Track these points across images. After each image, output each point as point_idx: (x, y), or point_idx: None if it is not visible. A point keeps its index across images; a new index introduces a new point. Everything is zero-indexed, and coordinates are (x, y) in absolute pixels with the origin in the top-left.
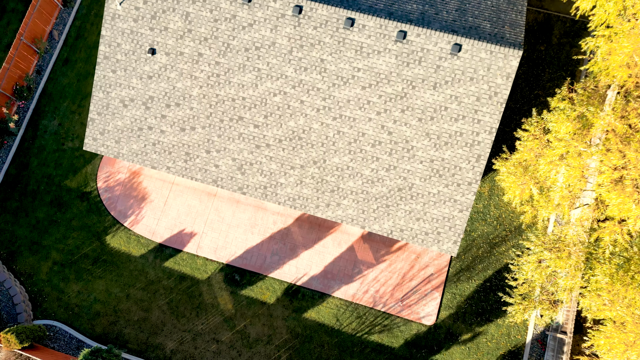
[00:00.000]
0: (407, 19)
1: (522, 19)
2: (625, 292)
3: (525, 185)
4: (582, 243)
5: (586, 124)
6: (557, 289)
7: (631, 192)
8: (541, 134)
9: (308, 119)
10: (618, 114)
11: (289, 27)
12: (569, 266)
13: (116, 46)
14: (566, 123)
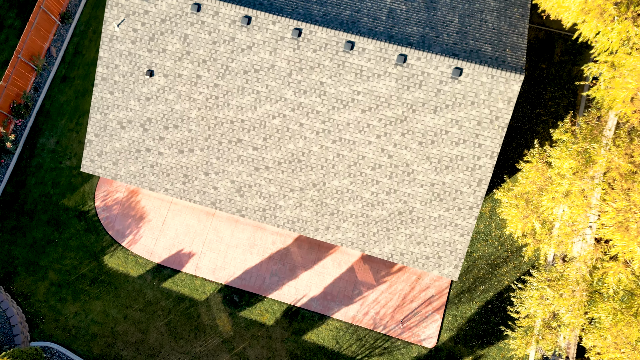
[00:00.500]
0: (408, 42)
1: (523, 42)
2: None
3: (527, 219)
4: (585, 281)
5: (589, 160)
6: (559, 325)
7: (636, 235)
8: (543, 165)
9: (307, 142)
10: (622, 151)
11: (288, 49)
12: (572, 304)
13: (114, 68)
14: (569, 160)
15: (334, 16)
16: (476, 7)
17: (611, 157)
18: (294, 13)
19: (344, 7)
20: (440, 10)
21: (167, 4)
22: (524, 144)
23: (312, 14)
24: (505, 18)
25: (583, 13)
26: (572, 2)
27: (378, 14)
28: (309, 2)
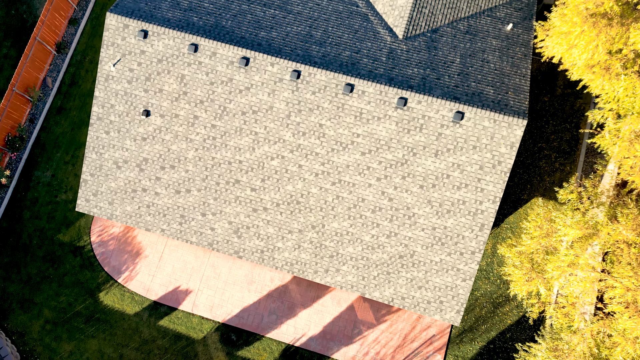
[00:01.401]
0: (408, 84)
1: (526, 84)
2: None
3: (531, 282)
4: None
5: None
6: None
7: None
8: (548, 225)
9: (306, 183)
10: (630, 222)
11: (287, 91)
12: None
13: (110, 107)
14: (575, 230)
15: (334, 57)
16: (478, 47)
17: (619, 230)
18: (292, 54)
19: (343, 48)
20: (442, 50)
21: (163, 44)
22: (526, 178)
23: (311, 55)
24: (507, 58)
25: (588, 69)
26: (578, 56)
27: (378, 55)
28: (308, 43)
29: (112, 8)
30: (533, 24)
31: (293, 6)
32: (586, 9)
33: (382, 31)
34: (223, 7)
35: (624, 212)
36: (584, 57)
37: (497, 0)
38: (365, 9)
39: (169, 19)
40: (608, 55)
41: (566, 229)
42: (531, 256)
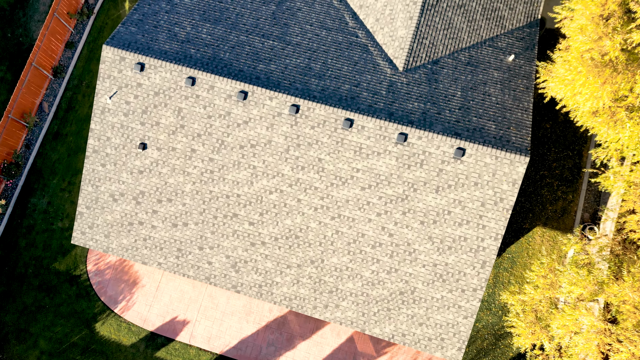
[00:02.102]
0: (408, 120)
1: (528, 118)
2: None
3: (535, 335)
4: None
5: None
6: None
7: None
8: (551, 275)
9: (305, 218)
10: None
11: (286, 125)
12: None
13: (106, 140)
14: (579, 288)
15: (333, 91)
16: (479, 79)
17: (625, 291)
18: (291, 88)
19: (342, 81)
20: (442, 82)
21: (160, 77)
22: (528, 207)
23: (310, 88)
24: (509, 91)
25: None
26: (583, 103)
27: (378, 88)
28: (307, 76)
29: (108, 40)
30: (535, 54)
31: (292, 37)
32: (591, 59)
33: (382, 63)
34: (221, 39)
35: (631, 271)
36: (588, 104)
37: (499, 30)
38: (365, 40)
39: (166, 51)
40: (613, 102)
41: (571, 286)
42: (535, 307)
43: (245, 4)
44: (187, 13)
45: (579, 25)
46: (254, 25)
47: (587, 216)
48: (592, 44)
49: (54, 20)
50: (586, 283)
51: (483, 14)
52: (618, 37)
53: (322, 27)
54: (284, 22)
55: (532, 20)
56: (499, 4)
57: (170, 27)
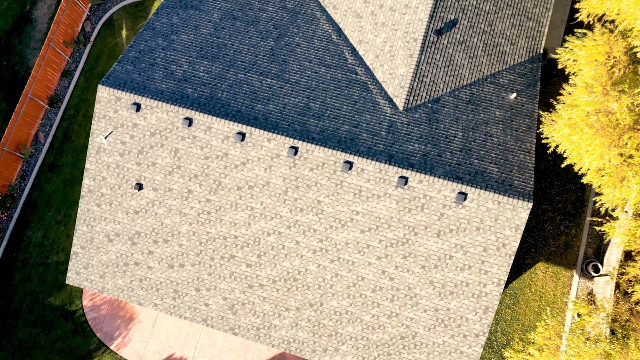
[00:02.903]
0: (409, 162)
1: (531, 161)
2: None
3: None
4: None
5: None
6: None
7: None
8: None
9: (304, 260)
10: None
11: (284, 167)
12: None
13: (101, 180)
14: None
15: (332, 132)
16: (480, 118)
17: None
18: (290, 129)
19: (342, 121)
20: (443, 122)
21: (157, 118)
22: (530, 241)
23: (309, 129)
24: (511, 131)
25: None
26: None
27: (378, 129)
28: (305, 116)
29: (104, 80)
30: (537, 91)
31: (290, 74)
32: (598, 120)
33: (381, 102)
34: (219, 77)
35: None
36: (594, 163)
37: (500, 66)
38: (365, 77)
39: (163, 91)
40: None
41: (577, 358)
42: None
43: (243, 39)
44: (184, 50)
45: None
46: (252, 62)
47: (590, 252)
48: (598, 104)
49: (49, 50)
50: (592, 355)
51: (484, 50)
52: (626, 100)
53: (321, 64)
54: (283, 58)
55: (534, 54)
56: (500, 39)
57: (167, 65)
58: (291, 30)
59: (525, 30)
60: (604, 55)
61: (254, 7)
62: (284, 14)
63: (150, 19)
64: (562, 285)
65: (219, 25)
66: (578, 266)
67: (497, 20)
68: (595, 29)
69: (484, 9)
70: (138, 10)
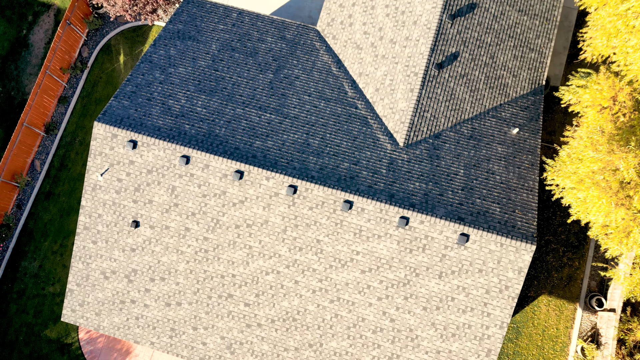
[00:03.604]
0: (410, 202)
1: (534, 200)
2: None
3: None
4: None
5: None
6: None
7: None
8: None
9: (303, 300)
10: None
11: (283, 206)
12: None
13: (97, 217)
14: None
15: (331, 170)
16: (482, 155)
17: None
18: (289, 167)
19: (341, 159)
20: (444, 159)
21: (154, 155)
22: (533, 274)
23: (309, 167)
24: (513, 168)
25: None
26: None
27: (378, 166)
28: (305, 153)
29: (100, 116)
30: (540, 125)
31: (289, 109)
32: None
33: (382, 137)
34: (217, 112)
35: None
36: (600, 220)
37: (502, 98)
38: (365, 111)
39: (160, 127)
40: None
41: None
42: None
43: (242, 72)
44: (182, 83)
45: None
46: (251, 96)
47: (594, 284)
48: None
49: (46, 77)
50: None
51: (486, 83)
52: (633, 160)
53: (321, 98)
54: (282, 92)
55: (536, 86)
56: (502, 71)
57: (164, 100)
58: (290, 62)
59: (527, 62)
60: (609, 101)
61: (253, 38)
62: (283, 44)
63: (147, 51)
64: (565, 319)
65: (217, 57)
66: (581, 300)
67: (499, 52)
68: (600, 73)
69: (486, 41)
70: (136, 35)
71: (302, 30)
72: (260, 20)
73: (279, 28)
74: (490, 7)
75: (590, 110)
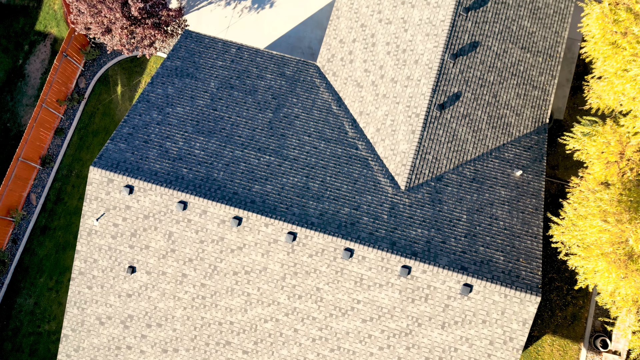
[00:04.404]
0: (412, 250)
1: (538, 247)
2: None
3: None
4: None
5: None
6: None
7: None
8: None
9: (302, 349)
10: None
11: (282, 253)
12: None
13: (92, 262)
14: None
15: (332, 215)
16: (485, 198)
17: None
18: (288, 213)
19: (342, 203)
20: (447, 203)
21: (150, 201)
22: (537, 313)
23: (308, 213)
24: (517, 213)
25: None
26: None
27: (379, 212)
28: (305, 198)
29: (96, 161)
30: (544, 166)
31: (289, 150)
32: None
33: (383, 180)
34: (215, 155)
35: None
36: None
37: (505, 138)
38: (365, 152)
39: (157, 172)
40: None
41: None
42: None
43: (240, 111)
44: (180, 124)
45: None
46: (250, 137)
47: (598, 324)
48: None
49: (42, 110)
50: None
51: (489, 123)
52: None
53: (321, 138)
54: (281, 132)
55: (540, 125)
56: (505, 110)
57: (161, 142)
58: (290, 100)
59: (530, 100)
60: (616, 156)
61: (252, 75)
62: (282, 81)
63: (144, 90)
64: (569, 359)
65: (216, 96)
66: (586, 340)
67: (501, 91)
68: (607, 126)
69: (489, 79)
70: (133, 65)
71: (302, 66)
72: (260, 56)
73: (278, 64)
74: (493, 45)
75: (596, 164)
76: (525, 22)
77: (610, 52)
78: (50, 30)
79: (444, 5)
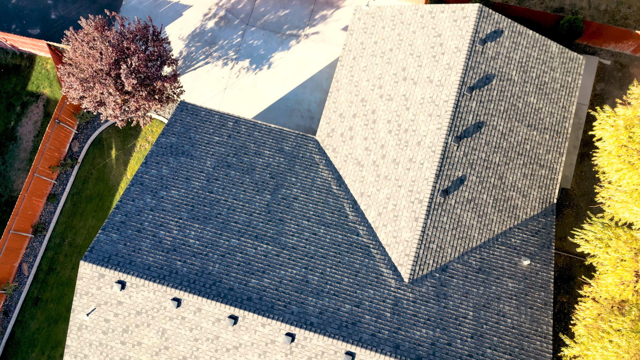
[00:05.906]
0: (416, 354)
1: (548, 349)
2: None
3: None
4: None
5: None
6: None
7: None
8: None
9: None
10: None
11: (280, 354)
12: None
13: (83, 358)
14: None
15: (332, 313)
16: (492, 292)
17: None
18: (286, 311)
19: (343, 299)
20: (452, 298)
21: (143, 297)
22: None
23: (307, 311)
24: (525, 309)
25: None
26: None
27: (382, 309)
28: (304, 293)
29: (86, 254)
30: (552, 254)
31: (287, 238)
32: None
33: (385, 272)
34: (211, 244)
35: None
36: None
37: (512, 221)
38: (367, 239)
39: (150, 266)
40: None
41: None
42: None
43: (237, 193)
44: (174, 210)
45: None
46: (247, 222)
47: None
48: None
49: (34, 179)
50: None
51: (495, 206)
52: None
53: (321, 223)
54: (280, 216)
55: (547, 205)
56: (511, 192)
57: (155, 231)
58: (289, 179)
59: (537, 180)
60: (632, 274)
61: (250, 151)
62: (281, 158)
63: (138, 171)
64: None
65: (212, 176)
66: None
67: (507, 172)
68: (620, 240)
69: (494, 160)
70: (128, 128)
71: (301, 141)
72: (258, 130)
73: (277, 138)
74: (499, 124)
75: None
76: (531, 98)
77: (626, 170)
78: (43, 90)
79: (447, 84)
